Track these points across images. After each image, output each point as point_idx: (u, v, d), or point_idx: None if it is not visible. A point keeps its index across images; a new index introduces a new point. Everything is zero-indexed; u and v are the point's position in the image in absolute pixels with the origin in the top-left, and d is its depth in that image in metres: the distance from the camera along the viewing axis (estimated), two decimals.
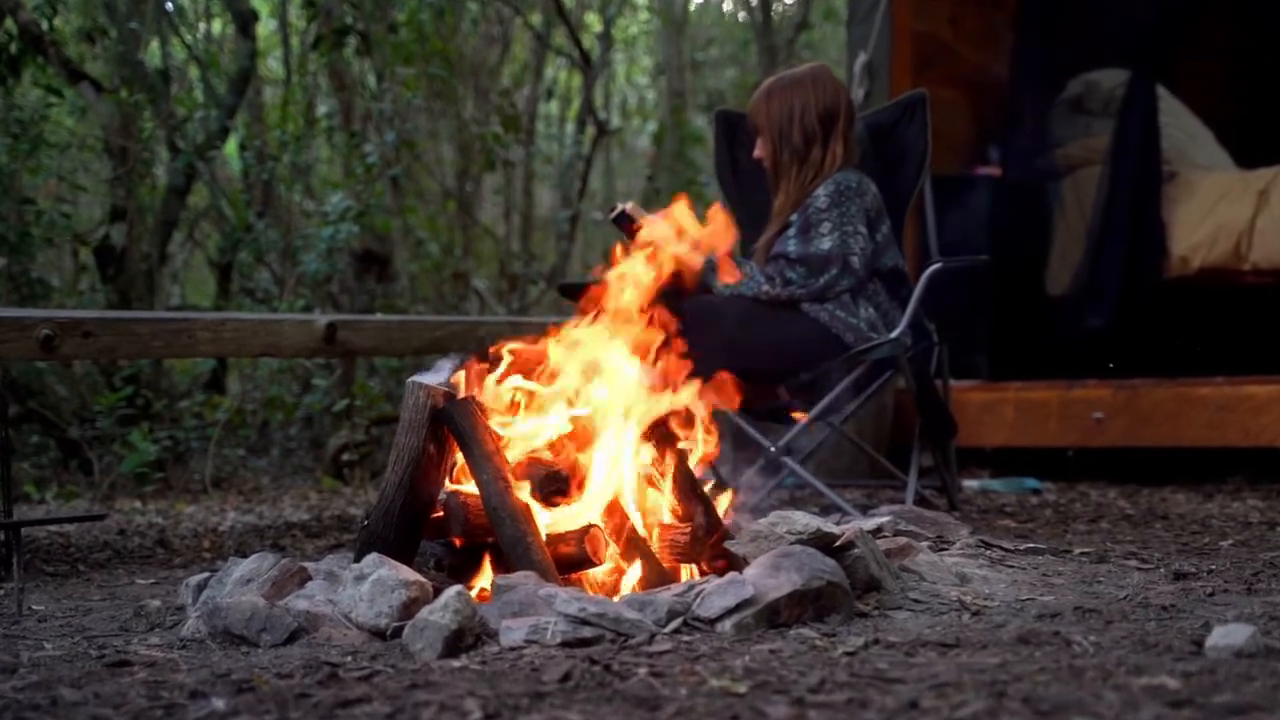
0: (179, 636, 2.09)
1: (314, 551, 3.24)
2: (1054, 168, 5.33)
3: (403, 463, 2.25)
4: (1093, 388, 4.50)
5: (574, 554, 2.17)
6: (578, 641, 1.83)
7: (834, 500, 3.34)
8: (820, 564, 2.01)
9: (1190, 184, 5.01)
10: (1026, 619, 1.97)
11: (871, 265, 3.42)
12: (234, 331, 3.25)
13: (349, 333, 3.45)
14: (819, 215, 3.36)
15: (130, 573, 2.94)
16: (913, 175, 3.66)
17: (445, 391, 2.27)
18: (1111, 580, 2.33)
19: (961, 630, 1.90)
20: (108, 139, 4.99)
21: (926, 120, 3.63)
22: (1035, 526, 3.32)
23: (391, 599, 2.00)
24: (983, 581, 2.28)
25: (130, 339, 3.05)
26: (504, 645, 1.84)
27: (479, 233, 7.31)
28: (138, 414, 4.68)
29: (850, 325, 3.34)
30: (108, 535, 3.49)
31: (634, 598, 2.00)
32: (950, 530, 2.72)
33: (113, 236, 4.95)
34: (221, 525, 3.76)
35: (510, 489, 2.16)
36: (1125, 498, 4.11)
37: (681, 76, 9.53)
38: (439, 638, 1.84)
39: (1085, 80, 5.35)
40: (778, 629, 1.92)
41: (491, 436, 2.22)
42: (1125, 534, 3.15)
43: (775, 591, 1.95)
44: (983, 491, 4.34)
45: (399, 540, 2.23)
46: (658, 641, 1.83)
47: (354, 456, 4.74)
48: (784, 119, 3.48)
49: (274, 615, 2.04)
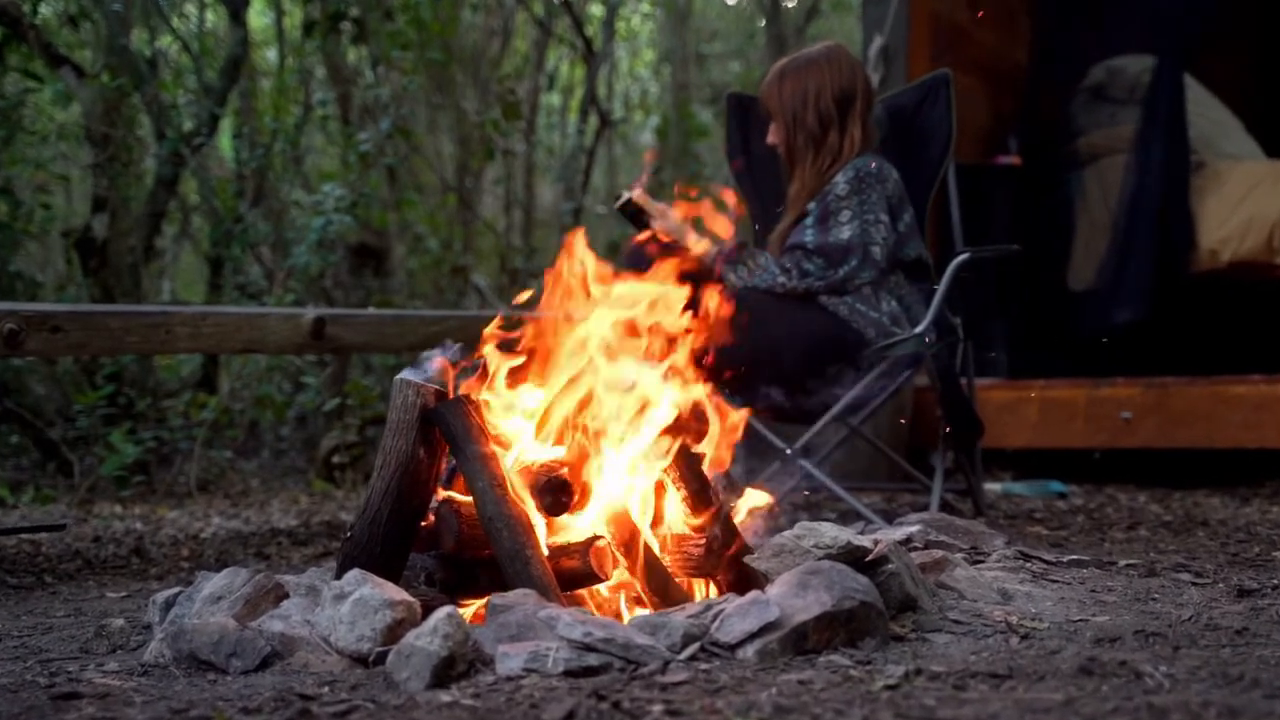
0: (140, 661, 1.89)
1: (300, 560, 3.04)
2: (1076, 157, 5.12)
3: (390, 468, 2.05)
4: (1121, 386, 4.29)
5: (578, 569, 1.97)
6: (582, 671, 1.64)
7: (854, 506, 3.14)
8: (852, 582, 1.81)
9: (1219, 174, 4.81)
10: (1083, 644, 1.77)
11: (893, 256, 3.21)
12: (215, 327, 3.05)
13: (338, 328, 3.25)
14: (838, 203, 3.16)
15: (101, 585, 2.74)
16: (936, 161, 3.45)
17: (437, 389, 2.07)
18: (1167, 597, 2.13)
19: (1012, 658, 1.69)
20: (89, 126, 4.78)
21: (950, 102, 3.42)
22: (1069, 534, 3.12)
23: (374, 621, 1.79)
24: (1027, 599, 2.08)
25: (102, 334, 2.85)
26: (500, 674, 1.65)
27: (480, 228, 7.10)
28: (119, 414, 4.47)
29: (871, 320, 3.13)
30: (81, 543, 3.28)
31: (645, 619, 1.79)
32: (984, 540, 2.51)
33: (94, 228, 4.74)
34: (204, 532, 3.56)
35: (508, 496, 1.96)
36: (1157, 502, 3.91)
37: (686, 69, 9.32)
38: (427, 666, 1.64)
39: (1108, 66, 5.14)
40: (806, 656, 1.72)
41: (487, 439, 2.02)
42: (1167, 543, 2.95)
43: (803, 613, 1.75)
44: (1005, 495, 4.14)
45: (386, 553, 2.03)
46: (672, 671, 1.63)
47: (346, 458, 4.53)
48: (798, 102, 3.28)
49: (245, 639, 1.84)
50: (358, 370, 5.41)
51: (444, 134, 6.91)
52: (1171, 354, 4.58)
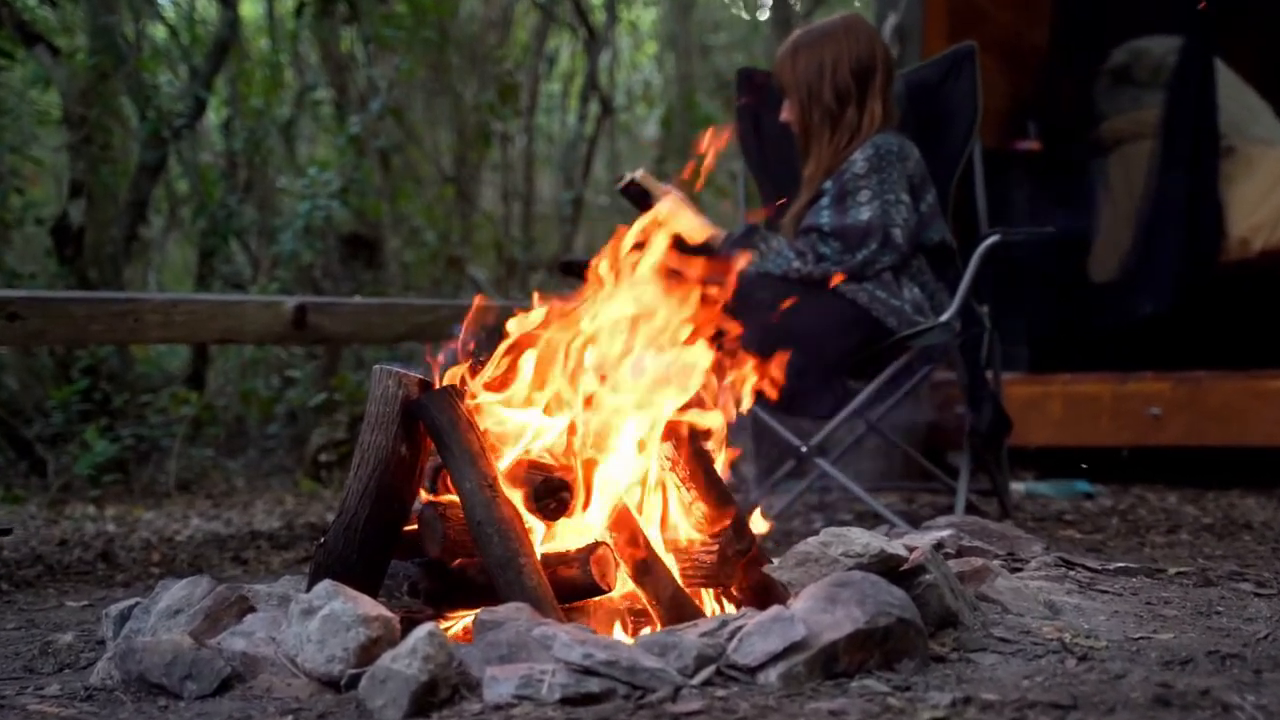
0: (85, 684, 1.68)
1: (280, 566, 2.83)
2: (1099, 143, 4.91)
3: (368, 466, 1.84)
4: (1150, 381, 4.07)
5: (578, 579, 1.76)
6: (581, 699, 1.43)
7: (875, 508, 2.93)
8: (887, 595, 1.60)
9: (1250, 160, 4.60)
10: (1150, 667, 1.56)
11: (915, 239, 3.00)
12: (187, 315, 2.83)
13: (321, 316, 3.04)
14: (856, 182, 2.94)
15: (62, 593, 2.53)
16: (960, 140, 3.24)
17: (420, 380, 1.86)
18: (1232, 611, 1.92)
19: (1072, 683, 1.48)
20: (66, 107, 4.56)
21: (976, 77, 3.21)
22: (1105, 538, 2.90)
23: (346, 640, 1.58)
24: (1077, 612, 1.86)
25: (63, 322, 2.64)
26: (488, 702, 1.44)
27: (478, 220, 6.88)
28: (95, 410, 4.25)
29: (893, 308, 2.92)
30: (45, 547, 3.07)
31: (652, 638, 1.58)
32: (1021, 546, 2.30)
33: (71, 215, 4.52)
34: (180, 535, 3.34)
35: (499, 498, 1.75)
36: (1190, 503, 3.70)
37: (689, 59, 9.11)
38: (404, 692, 1.44)
39: (1132, 47, 4.93)
40: (836, 680, 1.51)
41: (477, 434, 1.81)
42: (1212, 547, 2.74)
43: (833, 631, 1.54)
44: (1029, 496, 3.92)
45: (363, 562, 1.82)
46: (684, 698, 1.42)
47: (333, 457, 4.31)
48: (813, 75, 3.06)
49: (201, 659, 1.63)
50: (350, 365, 5.19)
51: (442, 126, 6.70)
52: (1200, 347, 4.36)
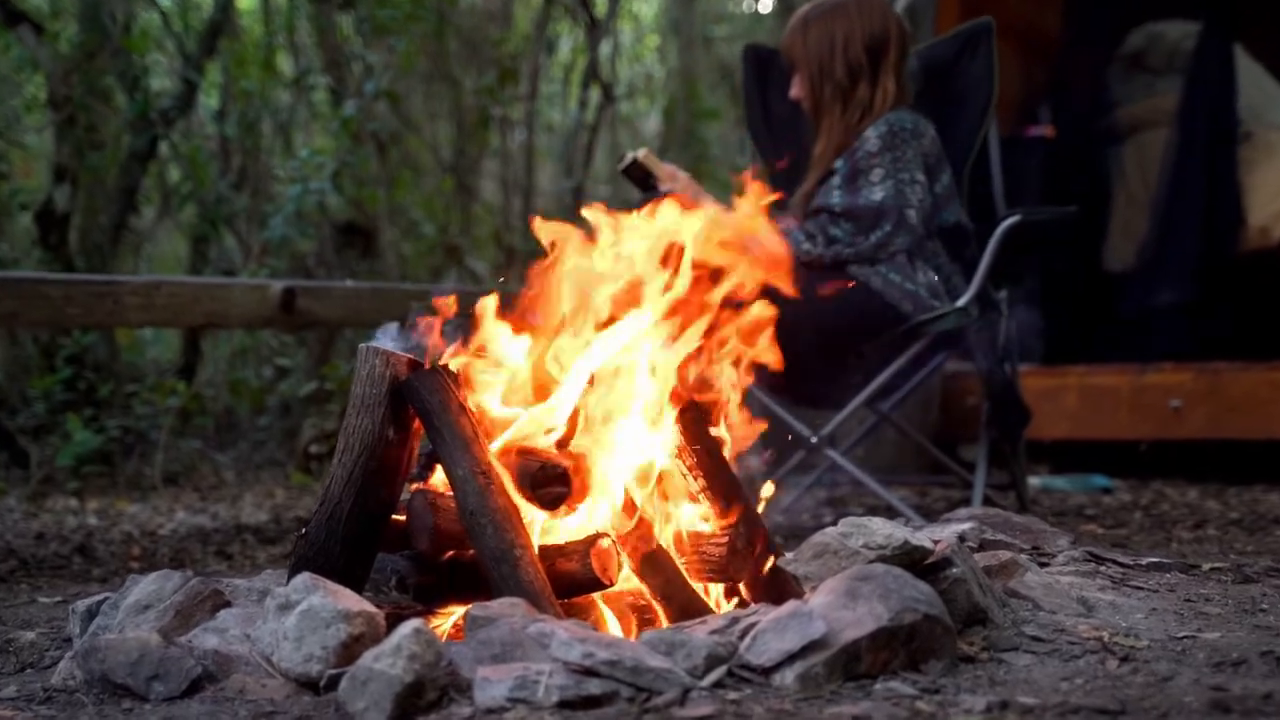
0: (45, 685, 1.56)
1: (266, 561, 2.71)
2: (1114, 129, 4.78)
3: (353, 452, 1.72)
4: (1169, 372, 3.95)
5: (577, 573, 1.64)
6: (581, 701, 1.31)
7: (890, 501, 2.80)
8: (912, 590, 1.47)
9: (1270, 145, 4.48)
10: (1199, 668, 1.43)
11: (930, 221, 2.87)
12: (170, 297, 2.71)
13: (310, 300, 2.91)
14: (868, 160, 2.81)
15: (34, 588, 2.41)
16: (975, 119, 3.10)
17: (410, 359, 1.74)
18: (1278, 609, 1.79)
19: (1115, 686, 1.36)
20: (51, 89, 4.43)
21: (992, 54, 3.08)
22: (1129, 533, 2.78)
23: (325, 637, 1.46)
24: (1112, 610, 1.74)
25: (38, 304, 2.51)
26: (479, 705, 1.32)
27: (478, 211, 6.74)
28: (80, 399, 4.12)
29: (908, 292, 2.79)
30: (21, 540, 2.94)
31: (658, 636, 1.45)
32: (1047, 540, 2.17)
33: (56, 200, 4.39)
34: (164, 528, 3.21)
35: (493, 486, 1.62)
36: (1212, 497, 3.57)
37: (692, 50, 8.98)
38: (387, 694, 1.32)
39: (1148, 32, 4.82)
40: (858, 682, 1.39)
41: (470, 418, 1.68)
42: (1243, 543, 2.62)
43: (854, 629, 1.42)
44: (1045, 490, 3.80)
45: (347, 554, 1.70)
46: (693, 702, 1.30)
47: (324, 448, 4.18)
48: (824, 50, 2.94)
49: (170, 658, 1.51)
50: (343, 354, 5.05)
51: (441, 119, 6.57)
52: (1218, 338, 4.24)
